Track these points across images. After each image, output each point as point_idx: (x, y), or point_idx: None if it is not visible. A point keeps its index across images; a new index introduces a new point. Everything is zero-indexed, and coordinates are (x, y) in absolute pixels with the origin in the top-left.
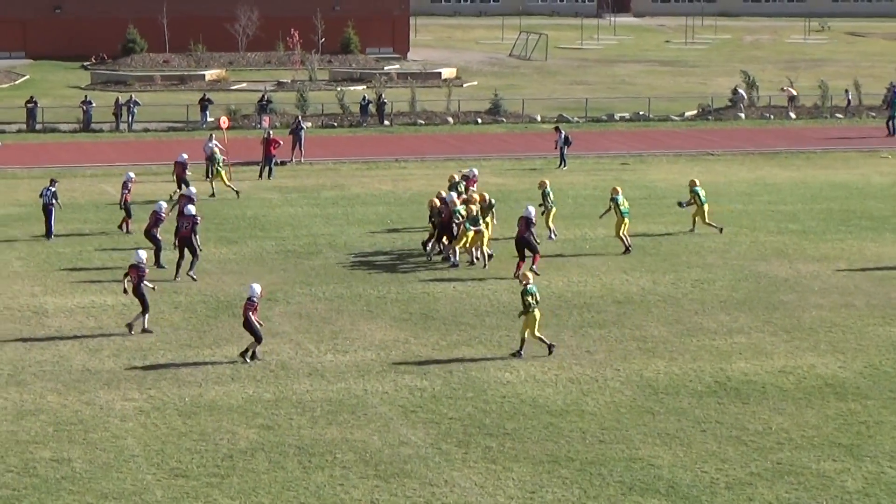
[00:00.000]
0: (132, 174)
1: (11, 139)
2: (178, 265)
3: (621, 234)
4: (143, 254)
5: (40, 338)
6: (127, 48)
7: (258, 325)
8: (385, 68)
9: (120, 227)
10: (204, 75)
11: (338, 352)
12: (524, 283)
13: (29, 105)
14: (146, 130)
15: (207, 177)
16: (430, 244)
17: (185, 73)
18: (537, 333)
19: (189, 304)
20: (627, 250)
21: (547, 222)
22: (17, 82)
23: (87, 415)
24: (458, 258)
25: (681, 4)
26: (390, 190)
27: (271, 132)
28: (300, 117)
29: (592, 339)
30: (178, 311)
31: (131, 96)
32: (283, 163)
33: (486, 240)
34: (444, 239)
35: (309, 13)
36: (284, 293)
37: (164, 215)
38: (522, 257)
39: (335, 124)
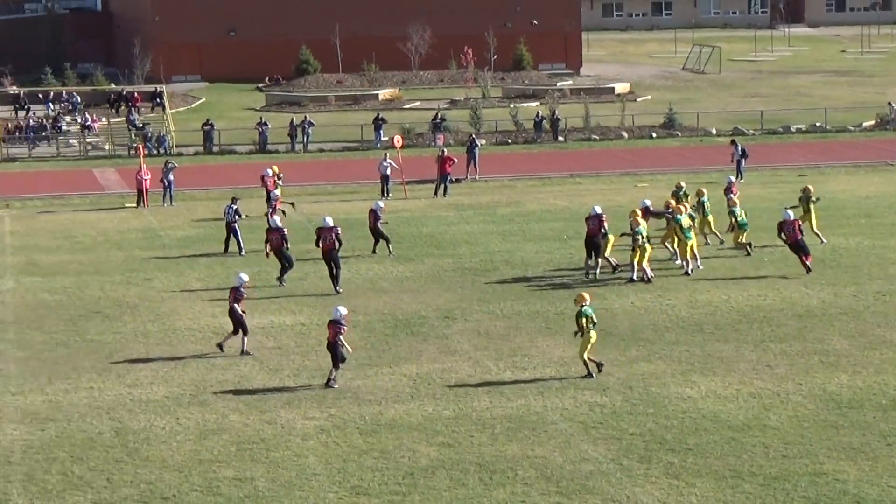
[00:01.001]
0: (277, 192)
1: (189, 161)
2: (282, 273)
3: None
4: (245, 277)
5: (221, 358)
6: (300, 69)
7: (346, 349)
8: (558, 84)
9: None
10: (377, 95)
11: (517, 368)
12: (580, 304)
13: (205, 128)
14: (321, 150)
15: (383, 195)
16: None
17: (359, 93)
18: (586, 356)
19: (367, 322)
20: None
21: (702, 229)
22: (193, 105)
23: (269, 434)
24: (646, 274)
25: (856, 14)
26: (566, 206)
27: (446, 150)
28: (474, 135)
29: (773, 354)
30: (357, 330)
31: (306, 117)
32: (458, 180)
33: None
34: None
35: (481, 31)
36: (462, 311)
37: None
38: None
39: (509, 141)
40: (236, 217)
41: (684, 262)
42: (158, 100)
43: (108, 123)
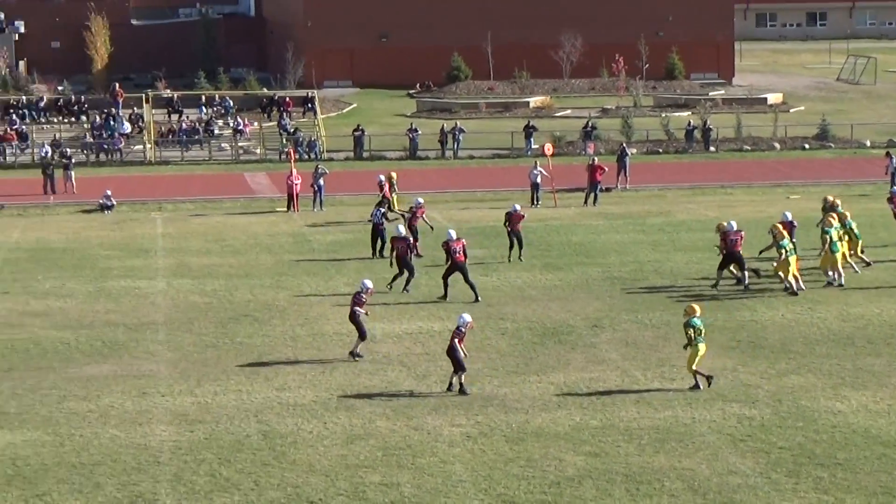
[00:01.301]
0: (421, 199)
1: (339, 166)
2: (394, 279)
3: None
4: (368, 283)
5: (369, 363)
6: (452, 76)
7: (463, 355)
8: (710, 94)
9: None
10: (528, 102)
11: (664, 379)
12: (689, 315)
13: (356, 133)
14: (471, 157)
15: (533, 203)
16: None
17: (510, 101)
18: (694, 367)
19: (515, 330)
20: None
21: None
22: (344, 111)
23: (416, 440)
24: (797, 285)
25: None
26: (716, 216)
27: (596, 158)
28: (625, 144)
29: None
30: (505, 338)
31: (456, 123)
32: (608, 189)
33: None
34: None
35: (633, 39)
36: (610, 320)
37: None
38: None
39: (660, 150)
40: (383, 220)
41: (833, 274)
42: (310, 105)
43: (259, 128)
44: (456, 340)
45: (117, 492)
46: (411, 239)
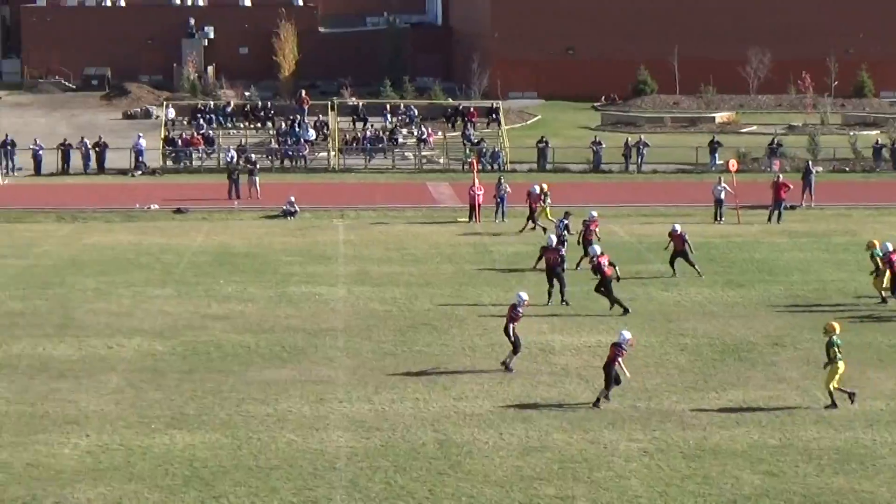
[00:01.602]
0: (594, 213)
1: (522, 178)
2: (549, 293)
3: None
4: (524, 296)
5: (547, 375)
6: (637, 89)
7: (625, 376)
8: None
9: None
10: (714, 118)
11: (844, 399)
12: (830, 334)
13: (540, 145)
14: (654, 171)
15: (716, 219)
16: None
17: (695, 115)
18: (832, 386)
19: (695, 346)
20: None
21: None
22: (528, 122)
23: (592, 454)
24: None
25: None
26: None
27: (781, 176)
28: (811, 161)
29: None
30: (684, 354)
31: (640, 137)
32: (792, 207)
33: None
34: None
35: (822, 56)
36: (792, 338)
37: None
38: None
39: (846, 169)
40: (565, 232)
41: None
42: (494, 116)
43: (443, 137)
44: (615, 356)
45: (293, 496)
46: (562, 252)
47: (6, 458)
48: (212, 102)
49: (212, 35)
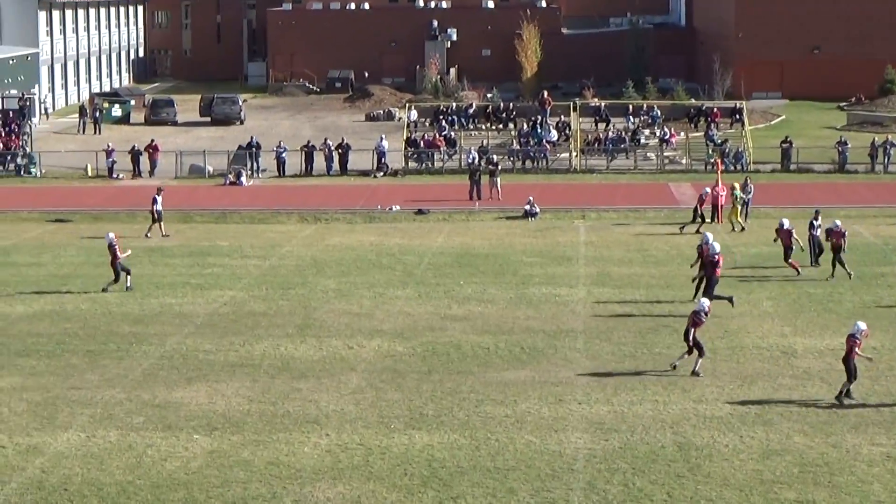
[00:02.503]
0: (785, 221)
1: (765, 178)
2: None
3: None
4: (706, 303)
5: (789, 378)
6: (885, 89)
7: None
8: None
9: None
10: None
11: None
12: None
13: (784, 145)
14: None
15: None
16: None
17: None
18: None
19: None
20: None
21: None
22: (772, 122)
23: (834, 458)
24: None
25: None
26: None
27: None
28: None
29: None
30: None
31: (888, 137)
32: None
33: None
34: None
35: None
36: None
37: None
38: None
39: None
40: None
41: None
42: (738, 116)
43: (686, 138)
44: (851, 349)
45: (530, 497)
46: (716, 256)
47: (248, 455)
48: (454, 104)
49: (454, 37)
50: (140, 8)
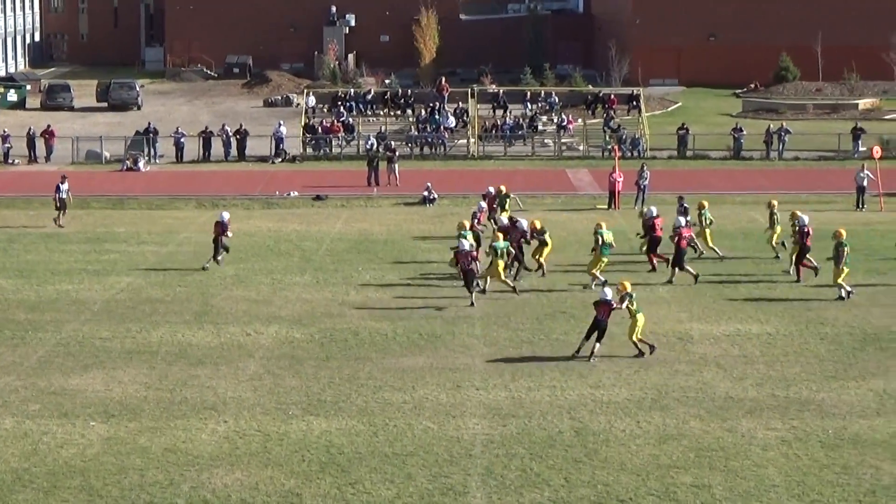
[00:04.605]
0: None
1: (661, 165)
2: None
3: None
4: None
5: (685, 363)
6: (779, 76)
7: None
8: None
9: None
10: (857, 104)
11: None
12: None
13: (680, 132)
14: (796, 159)
15: (858, 207)
16: None
17: (838, 102)
18: None
19: (835, 335)
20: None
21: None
22: (669, 109)
23: (729, 442)
24: None
25: None
26: None
27: None
28: None
29: None
30: (824, 343)
31: (782, 124)
32: None
33: None
34: None
35: None
36: None
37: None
38: None
39: None
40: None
41: None
42: (635, 103)
43: (583, 124)
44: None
45: (428, 483)
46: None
47: (145, 442)
48: (352, 90)
49: (353, 23)
50: None
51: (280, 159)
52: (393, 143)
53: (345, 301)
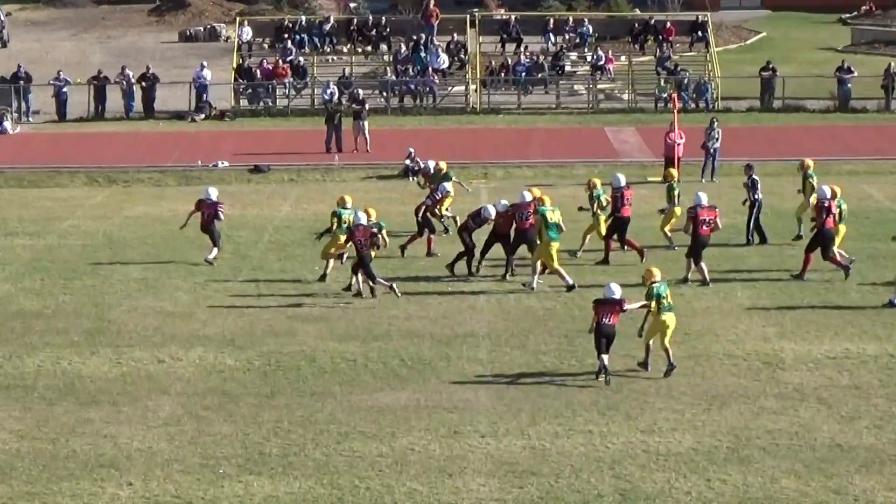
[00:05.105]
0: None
1: (738, 121)
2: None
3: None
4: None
5: (773, 398)
6: None
7: None
8: None
9: None
10: None
11: None
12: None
13: (765, 74)
14: None
15: None
16: None
17: None
18: None
19: None
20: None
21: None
22: (748, 42)
23: None
24: None
25: None
26: None
27: None
28: None
29: None
30: None
31: None
32: None
33: None
34: None
35: None
36: None
37: None
38: None
39: None
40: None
41: None
42: (700, 33)
43: (628, 64)
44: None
45: None
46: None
47: None
48: (303, 17)
49: None
50: None
51: (203, 115)
52: (361, 92)
53: (295, 314)
